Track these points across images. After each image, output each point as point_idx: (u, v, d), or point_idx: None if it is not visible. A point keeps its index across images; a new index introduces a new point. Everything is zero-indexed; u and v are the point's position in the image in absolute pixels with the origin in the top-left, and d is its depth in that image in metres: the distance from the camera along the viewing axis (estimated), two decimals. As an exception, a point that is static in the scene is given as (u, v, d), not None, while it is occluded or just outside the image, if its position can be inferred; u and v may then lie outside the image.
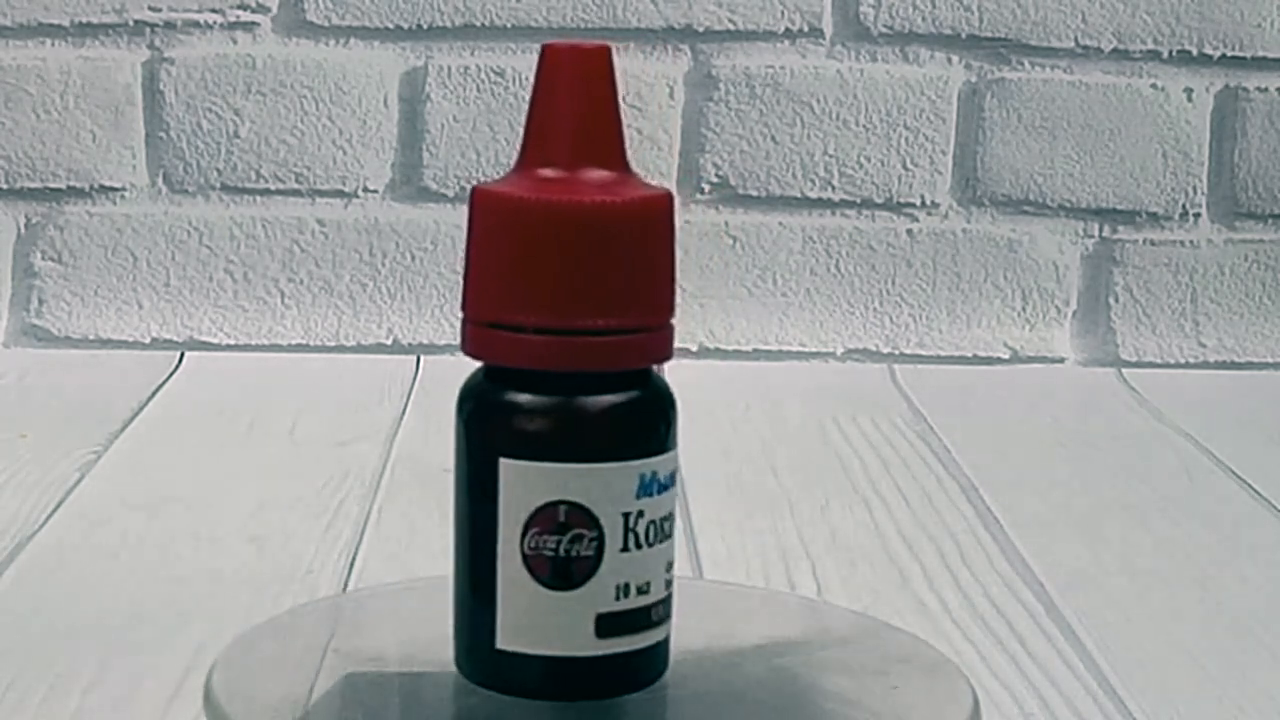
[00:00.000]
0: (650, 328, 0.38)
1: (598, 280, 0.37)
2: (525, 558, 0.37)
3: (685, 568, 0.59)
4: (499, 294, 0.37)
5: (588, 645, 0.38)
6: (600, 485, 0.38)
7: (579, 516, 0.37)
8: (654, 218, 0.38)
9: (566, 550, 0.38)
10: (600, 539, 0.38)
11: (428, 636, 0.41)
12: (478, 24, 0.88)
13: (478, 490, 0.38)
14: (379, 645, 0.43)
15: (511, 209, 0.37)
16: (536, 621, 0.38)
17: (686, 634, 0.40)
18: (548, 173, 0.37)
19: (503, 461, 0.37)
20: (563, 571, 0.38)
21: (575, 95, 0.38)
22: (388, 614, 0.46)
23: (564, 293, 0.37)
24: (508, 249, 0.37)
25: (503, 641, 0.38)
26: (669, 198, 0.38)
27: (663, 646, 0.39)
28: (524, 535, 0.37)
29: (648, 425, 0.38)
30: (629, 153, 0.38)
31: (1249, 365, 0.91)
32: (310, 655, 0.41)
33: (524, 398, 0.38)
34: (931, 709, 0.40)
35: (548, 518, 0.37)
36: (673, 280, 0.39)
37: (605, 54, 0.38)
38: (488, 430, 0.38)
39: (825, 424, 0.79)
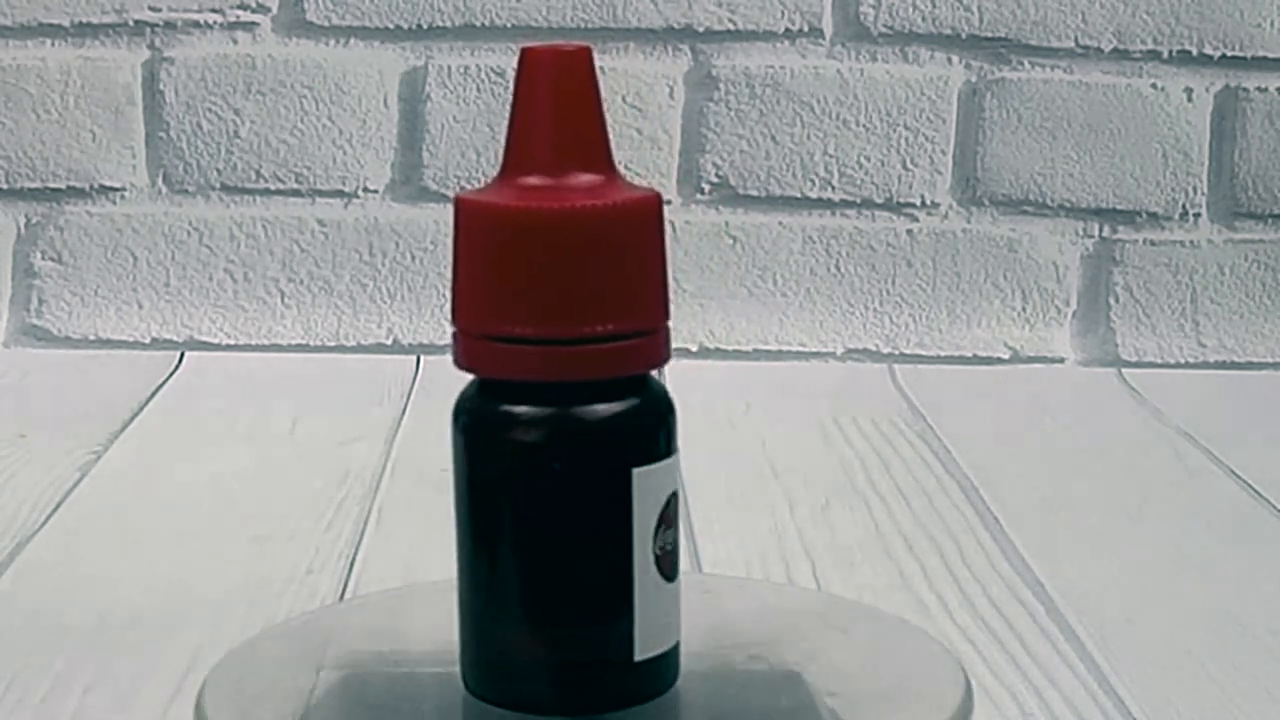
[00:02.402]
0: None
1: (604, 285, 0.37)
2: (657, 560, 0.37)
3: (685, 567, 0.59)
4: (498, 304, 0.37)
5: (678, 626, 0.38)
6: (677, 470, 0.38)
7: (676, 504, 0.38)
8: (642, 219, 0.37)
9: (674, 540, 0.38)
10: (678, 521, 0.38)
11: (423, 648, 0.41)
12: (478, 24, 0.88)
13: (588, 508, 0.37)
14: (375, 662, 0.43)
15: (496, 218, 0.37)
16: (664, 620, 0.38)
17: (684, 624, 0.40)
18: (532, 180, 0.37)
19: (636, 471, 0.37)
20: (674, 561, 0.38)
21: (557, 99, 0.37)
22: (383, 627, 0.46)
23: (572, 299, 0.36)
24: (497, 260, 0.37)
25: (640, 652, 0.37)
26: (657, 199, 0.38)
27: None
28: (655, 537, 0.37)
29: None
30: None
31: (1249, 365, 0.91)
32: (302, 672, 0.41)
33: (648, 401, 0.38)
34: (924, 692, 0.40)
35: (669, 513, 0.37)
36: (665, 281, 0.38)
37: (585, 55, 0.37)
38: (614, 444, 0.37)
39: (825, 424, 0.79)
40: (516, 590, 0.37)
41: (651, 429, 0.38)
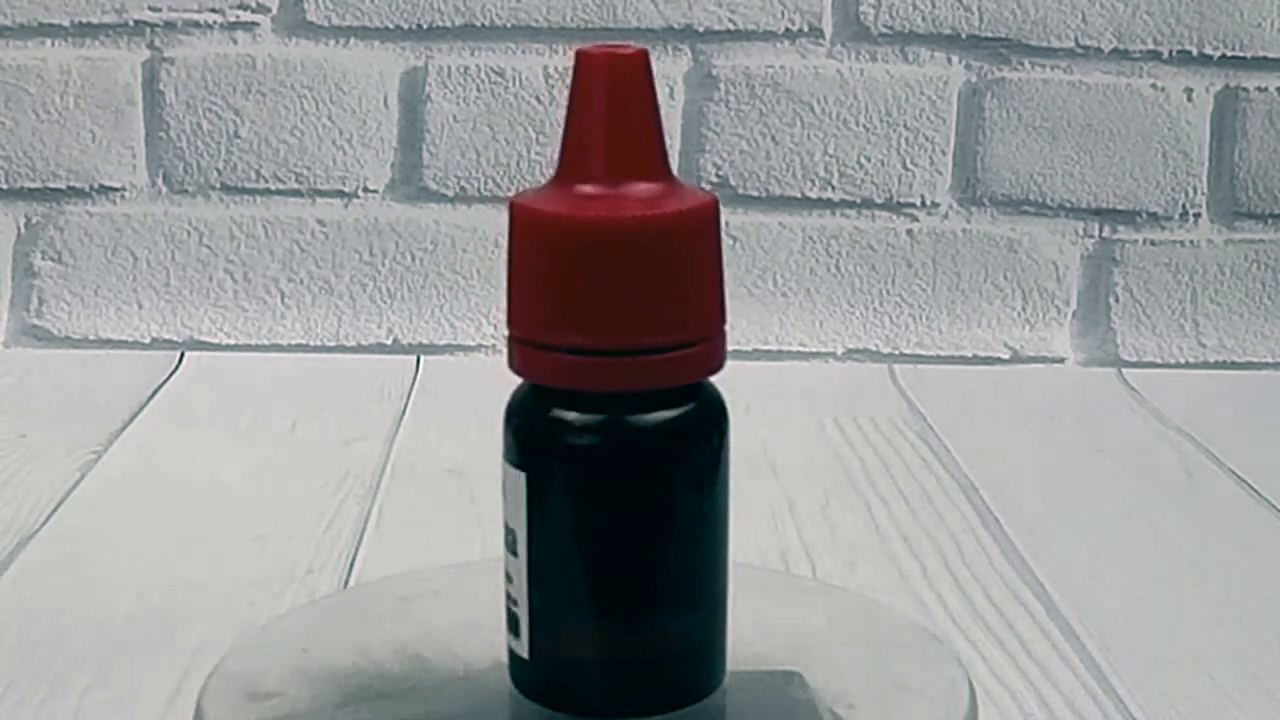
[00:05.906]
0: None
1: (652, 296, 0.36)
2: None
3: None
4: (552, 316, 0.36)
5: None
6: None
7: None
8: (699, 228, 0.37)
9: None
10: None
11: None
12: (478, 24, 0.88)
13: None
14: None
15: (552, 227, 0.36)
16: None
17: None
18: (588, 188, 0.36)
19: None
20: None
21: (613, 104, 0.36)
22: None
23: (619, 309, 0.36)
24: (552, 269, 0.36)
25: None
26: (714, 204, 0.37)
27: None
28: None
29: None
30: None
31: (1249, 365, 0.91)
32: (303, 671, 0.41)
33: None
34: (926, 692, 0.40)
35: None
36: (722, 286, 0.38)
37: (642, 59, 0.36)
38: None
39: (825, 424, 0.79)
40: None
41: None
